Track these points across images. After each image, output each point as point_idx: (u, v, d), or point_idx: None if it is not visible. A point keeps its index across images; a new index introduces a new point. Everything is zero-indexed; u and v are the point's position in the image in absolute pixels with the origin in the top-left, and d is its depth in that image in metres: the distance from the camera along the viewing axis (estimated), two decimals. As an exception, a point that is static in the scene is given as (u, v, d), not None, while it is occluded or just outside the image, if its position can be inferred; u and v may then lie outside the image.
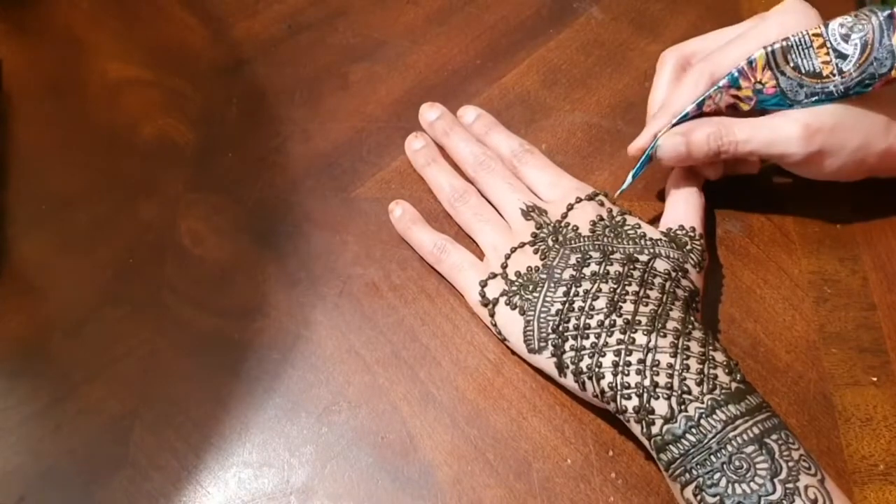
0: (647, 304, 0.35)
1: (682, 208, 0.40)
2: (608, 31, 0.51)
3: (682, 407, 0.32)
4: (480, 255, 0.42)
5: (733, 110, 0.40)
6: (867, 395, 0.38)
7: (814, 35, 0.37)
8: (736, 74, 0.38)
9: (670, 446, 0.32)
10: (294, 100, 0.49)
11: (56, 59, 0.51)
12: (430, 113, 0.47)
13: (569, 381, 0.35)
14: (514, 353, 0.39)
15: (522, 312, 0.37)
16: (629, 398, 0.33)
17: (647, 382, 0.32)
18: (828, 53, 0.37)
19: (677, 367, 0.32)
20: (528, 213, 0.41)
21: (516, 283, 0.38)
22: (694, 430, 0.31)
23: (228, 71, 0.50)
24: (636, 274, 0.36)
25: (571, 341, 0.35)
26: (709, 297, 0.41)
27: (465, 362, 0.40)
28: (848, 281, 0.41)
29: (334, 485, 0.37)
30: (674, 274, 0.36)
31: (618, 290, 0.35)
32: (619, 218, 0.40)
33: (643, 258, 0.37)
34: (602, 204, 0.41)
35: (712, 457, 0.31)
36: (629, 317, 0.34)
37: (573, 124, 0.47)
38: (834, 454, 0.37)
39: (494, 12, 0.52)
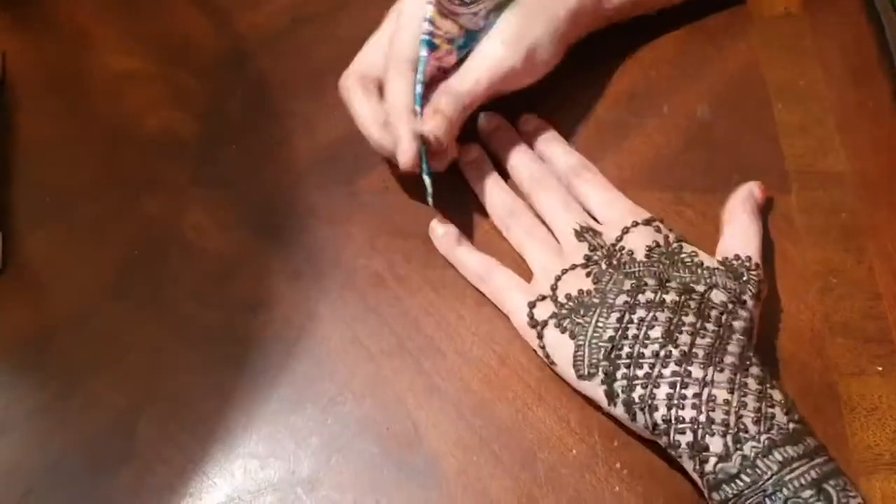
0: (703, 337, 0.34)
1: (740, 237, 0.39)
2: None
3: (738, 445, 0.31)
4: (526, 276, 0.41)
5: (445, 74, 0.42)
6: (872, 385, 0.38)
7: None
8: (428, 38, 0.40)
9: (724, 485, 0.31)
10: (298, 92, 0.49)
11: (60, 53, 0.51)
12: (489, 121, 0.45)
13: (619, 410, 0.34)
14: (560, 378, 0.38)
15: (573, 336, 0.36)
16: (683, 433, 0.32)
17: (702, 418, 0.32)
18: None
19: (734, 403, 0.32)
20: (581, 233, 0.39)
21: (566, 307, 0.37)
22: (749, 471, 0.30)
23: (232, 63, 0.50)
24: (692, 304, 0.35)
25: (624, 369, 0.34)
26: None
27: (470, 353, 0.40)
28: (853, 270, 0.41)
29: (340, 475, 0.37)
30: (730, 306, 0.35)
31: (674, 321, 0.34)
32: (675, 245, 0.38)
33: (699, 288, 0.36)
34: (659, 230, 0.39)
35: (767, 499, 0.30)
36: (685, 348, 0.33)
37: (576, 118, 0.47)
38: (839, 444, 0.36)
39: (497, 4, 0.52)
